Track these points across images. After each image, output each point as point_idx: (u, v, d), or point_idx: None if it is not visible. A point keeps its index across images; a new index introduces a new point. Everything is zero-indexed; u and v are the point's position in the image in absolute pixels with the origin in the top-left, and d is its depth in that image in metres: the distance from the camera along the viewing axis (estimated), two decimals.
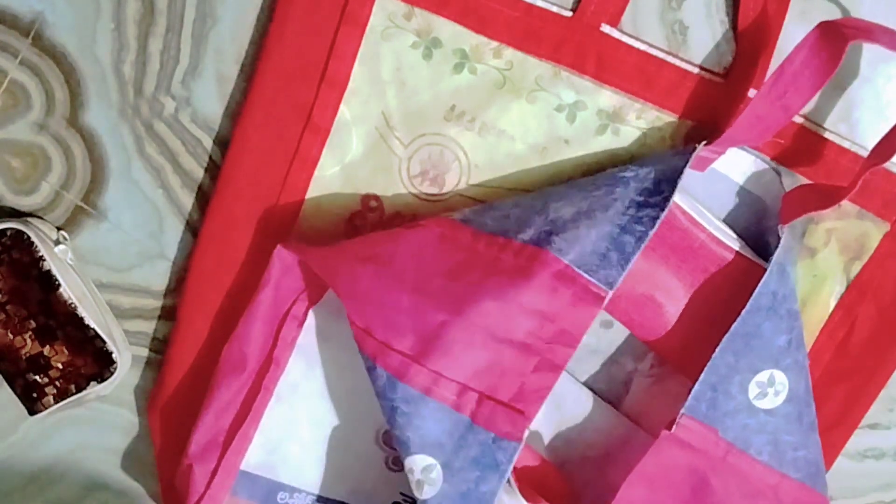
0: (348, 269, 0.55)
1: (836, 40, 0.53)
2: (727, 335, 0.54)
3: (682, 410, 0.54)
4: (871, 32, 0.52)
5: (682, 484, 0.55)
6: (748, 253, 0.57)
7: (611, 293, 0.52)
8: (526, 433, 0.52)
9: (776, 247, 0.57)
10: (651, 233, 0.52)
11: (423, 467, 0.53)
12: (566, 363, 0.52)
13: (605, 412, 0.61)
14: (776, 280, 0.54)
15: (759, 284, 0.54)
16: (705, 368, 0.54)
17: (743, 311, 0.54)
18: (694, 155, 0.53)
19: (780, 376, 0.55)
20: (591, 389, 0.61)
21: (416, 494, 0.53)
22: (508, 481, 0.53)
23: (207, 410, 0.60)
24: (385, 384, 0.53)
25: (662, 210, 0.52)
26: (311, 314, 0.60)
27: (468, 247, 0.55)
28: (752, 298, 0.54)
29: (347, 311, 0.54)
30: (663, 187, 0.53)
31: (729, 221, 0.59)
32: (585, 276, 0.52)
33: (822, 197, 0.55)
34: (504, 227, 0.55)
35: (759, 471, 0.56)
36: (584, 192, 0.55)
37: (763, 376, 0.55)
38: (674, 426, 0.54)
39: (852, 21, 0.52)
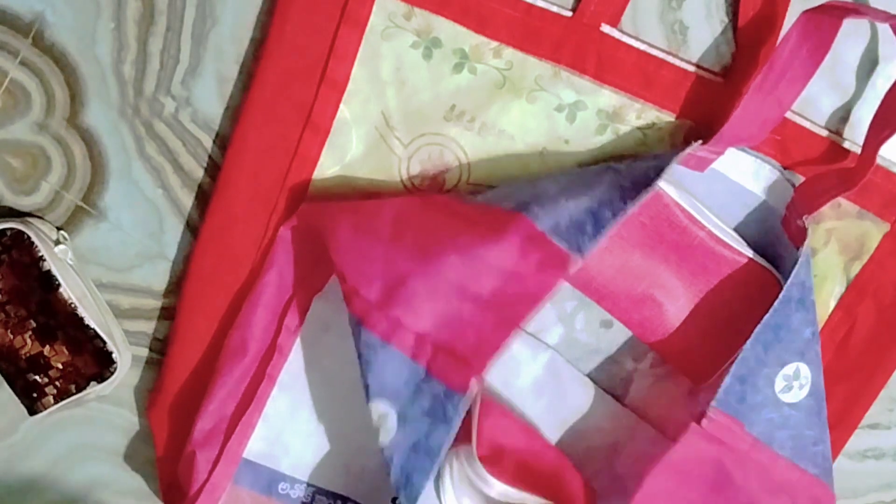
0: (334, 217, 0.57)
1: (823, 27, 0.53)
2: (758, 327, 0.53)
3: (713, 403, 0.53)
4: (857, 10, 0.52)
5: (705, 477, 0.55)
6: (748, 251, 0.57)
7: (580, 260, 0.52)
8: (474, 387, 0.52)
9: (781, 244, 0.58)
10: (630, 209, 0.52)
11: (380, 414, 0.54)
12: (525, 321, 0.53)
13: (609, 405, 0.61)
14: (805, 270, 0.54)
15: (792, 275, 0.53)
16: (736, 361, 0.53)
17: (775, 302, 0.53)
18: (687, 151, 0.54)
19: (804, 369, 0.55)
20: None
21: (376, 440, 0.54)
22: (473, 459, 0.53)
23: (211, 398, 0.61)
24: (353, 328, 0.54)
25: (646, 190, 0.52)
26: (314, 303, 0.60)
27: (448, 208, 0.56)
28: (784, 289, 0.53)
29: (330, 255, 0.56)
30: (651, 175, 0.53)
31: (729, 221, 0.59)
32: (556, 241, 0.52)
33: (840, 181, 0.55)
34: (490, 199, 0.56)
35: (780, 466, 0.56)
36: (574, 175, 0.56)
37: (790, 369, 0.55)
38: (703, 419, 0.54)
39: (836, 3, 0.52)
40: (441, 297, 0.53)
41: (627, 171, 0.54)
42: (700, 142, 0.55)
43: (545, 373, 0.61)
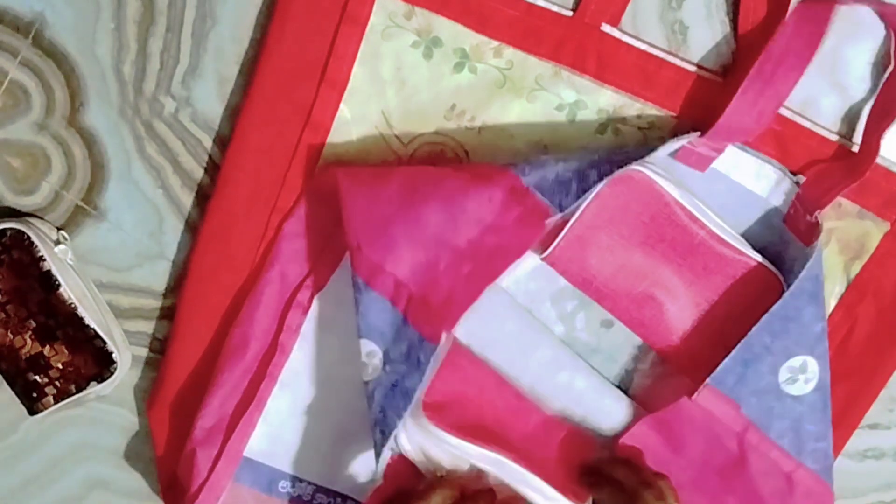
0: (341, 173, 0.58)
1: (818, 15, 0.53)
2: (766, 315, 0.54)
3: (708, 381, 0.55)
4: None
5: (697, 444, 0.57)
6: (750, 250, 0.57)
7: (559, 216, 0.53)
8: (444, 338, 0.54)
9: (783, 243, 0.58)
10: (617, 173, 0.53)
11: (367, 352, 0.55)
12: (499, 275, 0.54)
13: (615, 395, 0.61)
14: (818, 265, 0.55)
15: (806, 268, 0.54)
16: (739, 344, 0.54)
17: (786, 294, 0.54)
18: (684, 140, 0.54)
19: (812, 364, 0.56)
20: None
21: (361, 374, 0.56)
22: (419, 407, 0.55)
23: (212, 396, 0.61)
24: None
25: (636, 160, 0.53)
26: (315, 301, 0.60)
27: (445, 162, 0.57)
28: (797, 281, 0.54)
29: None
30: (644, 154, 0.54)
31: (731, 220, 0.59)
32: (539, 195, 0.53)
33: (845, 174, 0.56)
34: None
35: (775, 455, 0.56)
36: (571, 151, 0.56)
37: (796, 362, 0.55)
38: (695, 394, 0.55)
39: None
40: (420, 244, 0.54)
41: (621, 152, 0.55)
42: (698, 133, 0.55)
43: (564, 353, 0.61)
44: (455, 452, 0.56)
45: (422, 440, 0.56)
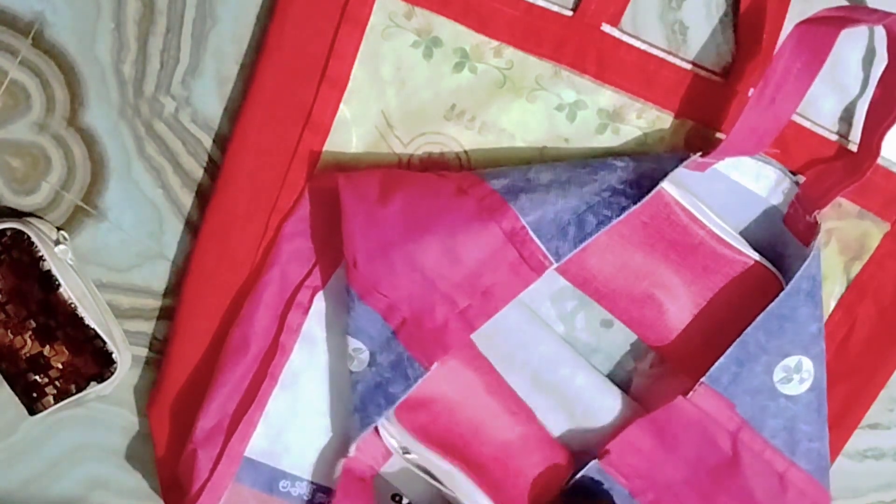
0: (346, 177, 0.58)
1: (818, 38, 0.53)
2: (762, 314, 0.54)
3: (703, 379, 0.55)
4: (849, 18, 0.52)
5: (691, 443, 0.57)
6: (749, 250, 0.57)
7: (556, 265, 0.53)
8: (435, 365, 0.54)
9: (783, 243, 0.58)
10: (615, 220, 0.53)
11: (354, 348, 0.56)
12: (494, 314, 0.54)
13: (618, 392, 0.61)
14: (816, 265, 0.55)
15: (802, 267, 0.54)
16: (734, 343, 0.54)
17: (782, 293, 0.54)
18: (686, 162, 0.54)
19: (807, 364, 0.55)
20: None
21: (347, 365, 0.57)
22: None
23: (213, 396, 0.61)
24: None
25: (635, 203, 0.53)
26: (315, 300, 0.60)
27: (444, 175, 0.57)
28: (793, 280, 0.54)
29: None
30: (645, 183, 0.54)
31: (730, 221, 0.59)
32: (537, 241, 0.53)
33: (846, 174, 0.55)
34: (484, 175, 0.56)
35: (768, 454, 0.56)
36: (571, 166, 0.56)
37: (791, 361, 0.55)
38: (690, 393, 0.55)
39: (828, 12, 0.52)
40: (418, 274, 0.54)
41: (624, 170, 0.55)
42: (699, 154, 0.55)
43: (565, 349, 0.61)
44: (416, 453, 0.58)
45: (393, 430, 0.58)
